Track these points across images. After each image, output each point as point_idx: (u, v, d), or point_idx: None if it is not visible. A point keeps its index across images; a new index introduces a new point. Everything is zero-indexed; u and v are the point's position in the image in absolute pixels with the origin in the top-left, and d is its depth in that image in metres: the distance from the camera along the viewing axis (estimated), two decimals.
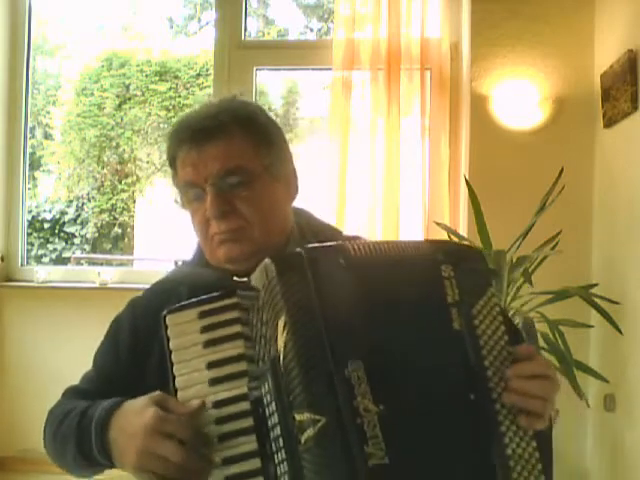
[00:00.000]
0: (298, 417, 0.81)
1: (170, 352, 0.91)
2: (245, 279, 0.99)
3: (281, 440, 0.83)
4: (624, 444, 2.49)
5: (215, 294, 0.93)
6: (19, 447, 3.22)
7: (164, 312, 0.93)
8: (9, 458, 3.26)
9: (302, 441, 0.80)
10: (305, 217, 1.20)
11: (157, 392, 0.90)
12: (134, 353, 1.09)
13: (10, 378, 3.30)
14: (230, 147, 1.04)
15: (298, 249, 0.90)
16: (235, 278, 1.05)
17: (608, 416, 2.62)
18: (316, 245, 0.95)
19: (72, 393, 1.13)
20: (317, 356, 0.83)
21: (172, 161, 1.10)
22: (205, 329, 0.91)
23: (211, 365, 0.89)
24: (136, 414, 0.89)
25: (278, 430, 0.83)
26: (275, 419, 0.84)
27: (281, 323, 0.85)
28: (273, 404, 0.84)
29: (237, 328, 0.91)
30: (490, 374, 0.87)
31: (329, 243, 0.95)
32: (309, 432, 0.80)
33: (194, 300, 0.94)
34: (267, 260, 0.90)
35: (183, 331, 0.91)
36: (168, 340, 0.91)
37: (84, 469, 1.03)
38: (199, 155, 1.04)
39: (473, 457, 0.84)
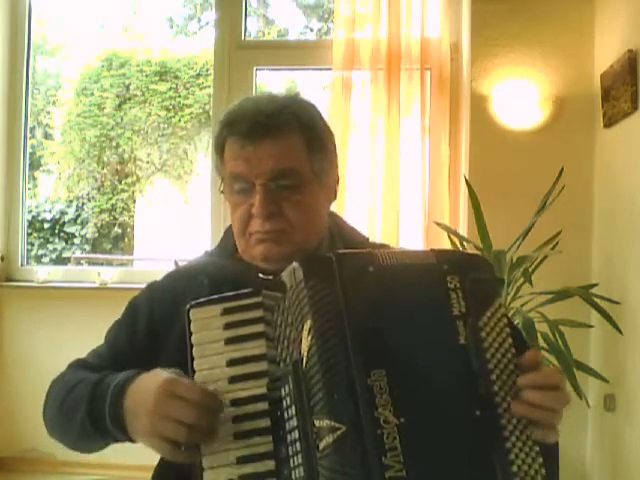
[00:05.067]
0: (317, 423, 0.81)
1: (191, 346, 0.90)
2: (270, 277, 0.98)
3: (298, 444, 0.83)
4: (624, 444, 2.49)
5: (241, 291, 0.93)
6: (19, 447, 3.22)
7: (188, 305, 0.92)
8: (9, 458, 3.26)
9: (320, 448, 0.80)
10: (335, 220, 1.20)
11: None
12: (150, 336, 1.09)
13: (10, 378, 3.30)
14: (287, 148, 1.03)
15: (328, 254, 0.90)
16: (260, 275, 1.05)
17: (608, 416, 2.62)
18: (347, 251, 0.94)
19: (80, 366, 1.11)
20: (341, 364, 0.82)
21: (220, 149, 1.08)
22: (228, 326, 0.91)
23: (232, 363, 0.89)
24: (150, 380, 0.90)
25: (296, 434, 0.83)
26: (293, 423, 0.84)
27: (306, 327, 0.84)
28: (293, 408, 0.84)
29: (260, 327, 0.91)
30: (496, 389, 0.85)
31: (359, 250, 0.94)
32: (328, 439, 0.80)
33: (219, 296, 0.93)
34: (295, 263, 0.89)
35: (206, 326, 0.91)
36: (190, 334, 0.91)
37: (89, 438, 1.00)
38: (255, 150, 1.02)
39: (479, 474, 0.84)
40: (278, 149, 1.02)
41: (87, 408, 0.97)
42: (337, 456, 0.79)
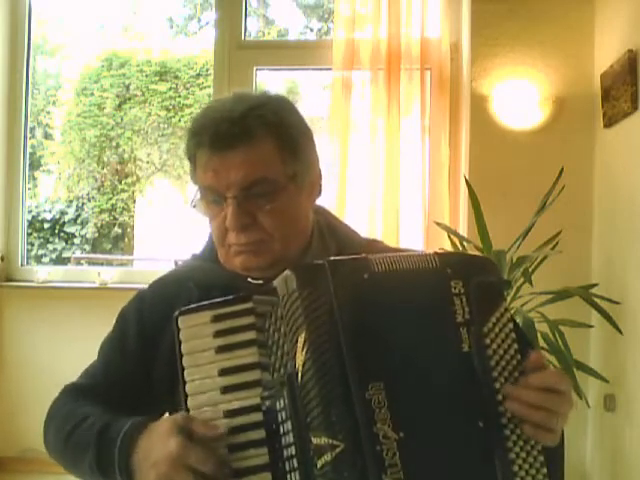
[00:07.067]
0: (315, 440, 0.78)
1: (181, 355, 0.87)
2: (260, 281, 0.96)
3: (295, 461, 0.80)
4: (624, 444, 2.49)
5: (230, 297, 0.89)
6: (19, 447, 3.22)
7: (176, 313, 0.89)
8: (9, 458, 3.26)
9: (318, 465, 0.78)
10: (324, 216, 1.16)
11: (181, 414, 0.86)
12: (141, 346, 1.06)
13: (10, 378, 3.30)
14: (255, 156, 0.97)
15: (321, 261, 0.86)
16: (250, 280, 1.02)
17: (608, 416, 2.62)
18: (341, 258, 0.90)
19: (75, 391, 1.08)
20: (337, 378, 0.80)
21: (191, 158, 1.04)
22: (219, 334, 0.87)
23: (224, 372, 0.86)
24: (161, 440, 0.84)
25: (292, 450, 0.81)
26: (290, 438, 0.81)
27: (301, 340, 0.81)
28: (289, 423, 0.82)
29: (252, 335, 0.87)
30: (501, 398, 0.83)
31: (353, 256, 0.90)
32: (326, 457, 0.77)
33: (208, 302, 0.90)
34: (288, 271, 0.86)
35: (195, 334, 0.87)
36: (180, 342, 0.87)
37: (96, 478, 0.98)
38: (221, 162, 0.97)
39: None
40: (246, 158, 0.96)
41: (95, 455, 0.94)
42: (336, 474, 0.77)
